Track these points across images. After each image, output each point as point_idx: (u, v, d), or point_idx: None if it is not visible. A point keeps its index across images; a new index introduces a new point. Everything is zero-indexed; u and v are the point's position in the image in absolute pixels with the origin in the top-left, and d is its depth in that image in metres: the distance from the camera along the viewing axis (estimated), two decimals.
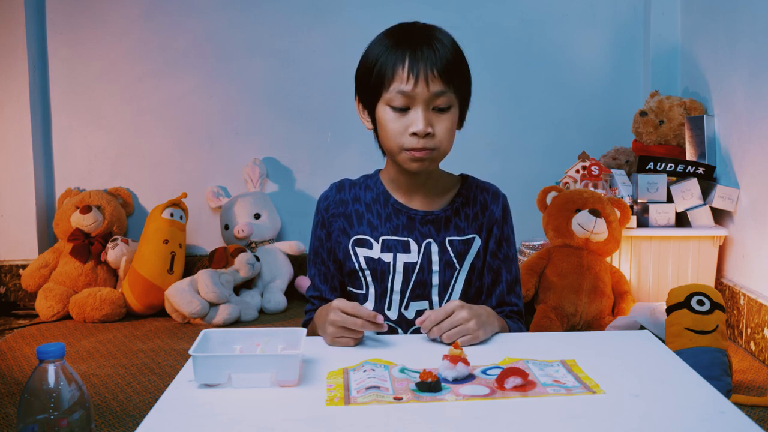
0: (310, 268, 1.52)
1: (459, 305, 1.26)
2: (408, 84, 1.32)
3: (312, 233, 1.52)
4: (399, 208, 1.44)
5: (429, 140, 1.33)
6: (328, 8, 3.58)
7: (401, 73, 1.32)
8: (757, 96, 2.64)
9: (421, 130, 1.32)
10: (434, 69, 1.31)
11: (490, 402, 1.00)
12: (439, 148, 1.35)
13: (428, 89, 1.31)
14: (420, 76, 1.31)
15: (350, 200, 1.47)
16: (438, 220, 1.43)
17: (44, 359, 0.94)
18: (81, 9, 3.56)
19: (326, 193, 1.50)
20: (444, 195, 1.47)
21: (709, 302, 2.20)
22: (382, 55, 1.36)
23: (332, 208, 1.48)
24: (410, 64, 1.32)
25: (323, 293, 1.50)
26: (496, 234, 1.46)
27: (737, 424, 0.92)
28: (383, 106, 1.36)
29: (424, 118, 1.32)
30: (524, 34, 3.59)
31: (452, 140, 1.39)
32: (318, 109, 3.63)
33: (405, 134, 1.34)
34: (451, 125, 1.36)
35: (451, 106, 1.35)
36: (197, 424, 0.95)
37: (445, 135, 1.35)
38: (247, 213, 3.47)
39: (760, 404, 2.11)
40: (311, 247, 1.52)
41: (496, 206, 1.47)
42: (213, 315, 3.07)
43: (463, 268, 1.44)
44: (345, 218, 1.47)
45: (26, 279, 3.30)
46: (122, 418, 2.10)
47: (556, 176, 3.27)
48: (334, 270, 1.50)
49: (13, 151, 3.48)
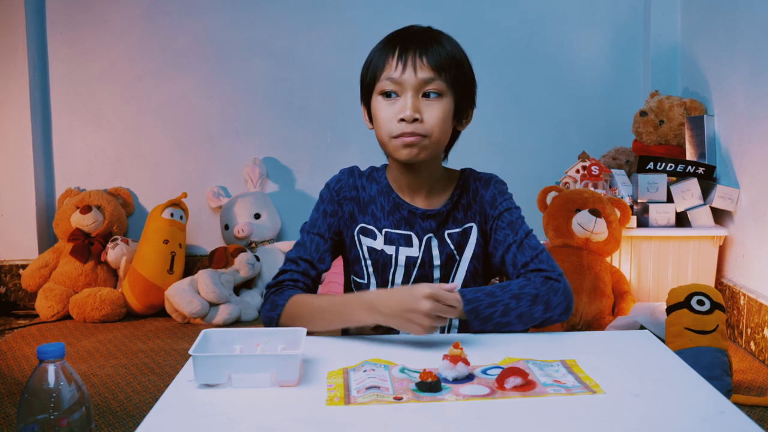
0: (303, 235, 1.46)
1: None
2: (396, 71, 1.33)
3: (315, 209, 1.48)
4: (400, 203, 1.44)
5: (417, 126, 1.33)
6: (328, 8, 3.58)
7: (391, 62, 1.34)
8: (757, 96, 2.64)
9: (408, 115, 1.32)
10: (423, 57, 1.33)
11: (490, 402, 1.00)
12: (429, 135, 1.34)
13: (416, 75, 1.33)
14: (408, 62, 1.33)
15: (360, 187, 1.47)
16: (439, 215, 1.43)
17: (44, 359, 0.94)
18: (81, 9, 3.56)
19: (337, 176, 1.49)
20: (445, 191, 1.46)
21: (709, 302, 2.20)
22: (376, 53, 1.39)
23: (344, 190, 1.46)
24: (399, 53, 1.34)
25: (314, 261, 1.43)
26: (491, 213, 1.43)
27: (737, 424, 0.92)
28: (376, 96, 1.37)
29: (412, 104, 1.33)
30: (524, 34, 3.59)
31: (445, 130, 1.37)
32: (318, 109, 3.63)
33: (394, 121, 1.34)
34: (441, 113, 1.35)
35: (442, 94, 1.35)
36: (197, 424, 0.95)
37: (435, 122, 1.34)
38: (247, 213, 3.47)
39: (760, 404, 2.11)
40: (310, 219, 1.47)
41: (486, 190, 1.45)
42: (213, 315, 3.07)
43: (463, 258, 1.44)
44: (355, 203, 1.46)
45: (26, 279, 3.30)
46: (122, 418, 2.10)
47: (556, 176, 3.27)
48: (329, 245, 1.45)
49: (13, 151, 3.48)
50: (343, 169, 1.50)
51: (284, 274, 1.42)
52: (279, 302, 1.36)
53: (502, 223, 1.42)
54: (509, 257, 1.39)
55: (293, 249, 1.45)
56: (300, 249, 1.44)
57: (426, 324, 1.22)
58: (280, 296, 1.37)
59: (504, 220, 1.42)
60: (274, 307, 1.36)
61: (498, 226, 1.42)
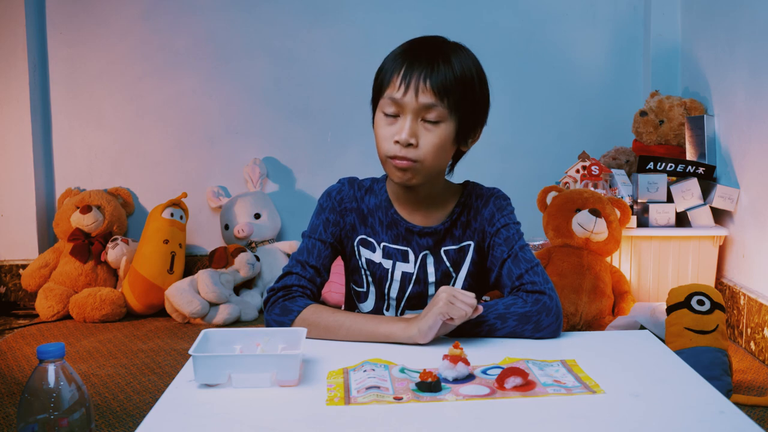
0: (306, 240, 1.44)
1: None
2: (399, 92, 1.30)
3: (316, 216, 1.46)
4: (398, 219, 1.43)
5: (410, 151, 1.31)
6: (328, 8, 3.59)
7: (395, 81, 1.31)
8: (757, 96, 2.64)
9: (403, 139, 1.30)
10: (427, 81, 1.29)
11: (490, 402, 1.00)
12: (422, 161, 1.32)
13: (417, 99, 1.30)
14: (411, 85, 1.30)
15: (359, 199, 1.46)
16: (437, 233, 1.42)
17: (44, 359, 0.94)
18: (81, 9, 3.56)
19: (338, 187, 1.47)
20: (445, 208, 1.44)
21: (710, 302, 2.20)
22: (387, 63, 1.36)
23: (346, 201, 1.45)
24: (404, 73, 1.31)
25: (320, 268, 1.42)
26: (489, 231, 1.42)
27: (737, 424, 0.92)
28: (378, 112, 1.36)
29: (410, 127, 1.30)
30: (524, 34, 3.59)
31: (440, 157, 1.35)
32: (318, 109, 3.63)
33: (390, 141, 1.32)
34: (438, 141, 1.32)
35: (442, 121, 1.31)
36: (197, 424, 0.95)
37: (430, 149, 1.31)
38: (247, 213, 3.47)
39: (760, 404, 2.11)
40: (311, 226, 1.45)
41: (486, 207, 1.43)
42: (213, 315, 3.07)
43: (459, 275, 1.43)
44: (356, 214, 1.45)
45: (26, 279, 3.30)
46: (122, 418, 2.10)
47: (556, 176, 3.27)
48: (330, 252, 1.44)
49: (13, 151, 3.48)
50: (342, 179, 1.48)
51: (291, 276, 1.40)
52: (293, 308, 1.34)
53: (499, 239, 1.41)
54: (505, 270, 1.39)
55: (299, 251, 1.44)
56: (305, 253, 1.42)
57: (443, 301, 1.23)
58: (293, 302, 1.35)
59: (501, 237, 1.41)
60: (285, 312, 1.34)
61: (495, 243, 1.41)
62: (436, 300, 1.24)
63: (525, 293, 1.34)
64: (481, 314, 1.29)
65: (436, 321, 1.23)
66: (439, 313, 1.22)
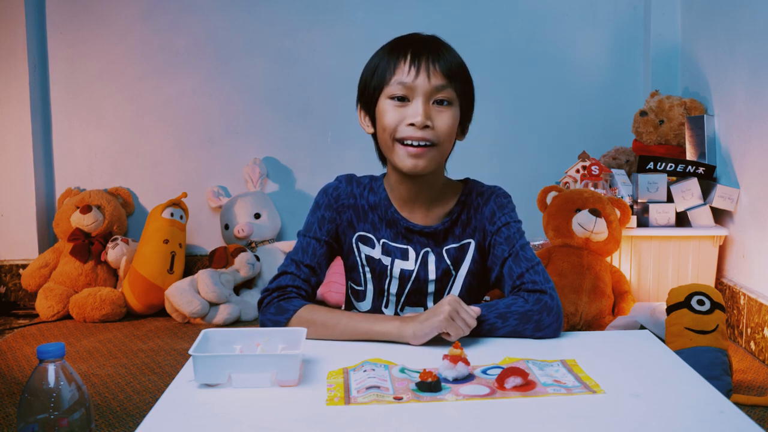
0: (301, 239, 1.43)
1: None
2: (409, 75, 1.31)
3: (311, 213, 1.45)
4: (398, 218, 1.42)
5: (428, 132, 1.31)
6: (328, 8, 3.58)
7: (403, 66, 1.32)
8: (757, 96, 2.64)
9: (420, 121, 1.30)
10: (436, 64, 1.32)
11: (490, 402, 1.00)
12: (438, 144, 1.33)
13: (429, 81, 1.31)
14: (422, 67, 1.31)
15: (357, 195, 1.45)
16: (437, 232, 1.42)
17: (44, 359, 0.94)
18: (81, 9, 3.56)
19: (335, 184, 1.46)
20: (445, 206, 1.43)
21: (710, 302, 2.20)
22: (383, 58, 1.36)
23: (343, 198, 1.44)
24: (412, 58, 1.32)
25: (315, 267, 1.41)
26: (489, 229, 1.41)
27: (737, 424, 0.92)
28: (384, 99, 1.34)
29: (424, 110, 1.31)
30: (524, 34, 3.59)
31: (452, 139, 1.37)
32: (318, 109, 3.63)
33: (402, 124, 1.32)
34: (451, 121, 1.33)
35: (452, 102, 1.34)
36: (197, 424, 0.95)
37: (446, 130, 1.33)
38: (247, 213, 3.47)
39: (760, 404, 2.11)
40: (307, 224, 1.45)
41: (486, 206, 1.42)
42: (213, 315, 3.07)
43: (459, 274, 1.43)
44: (354, 211, 1.44)
45: (26, 279, 3.30)
46: (122, 418, 2.10)
47: (556, 176, 3.27)
48: (326, 250, 1.43)
49: (13, 151, 3.48)
50: (339, 176, 1.48)
51: (286, 276, 1.39)
52: (289, 308, 1.34)
53: (500, 238, 1.40)
54: (506, 269, 1.38)
55: (294, 250, 1.43)
56: (300, 252, 1.42)
57: (445, 315, 1.22)
58: (289, 302, 1.35)
59: (501, 235, 1.40)
60: (281, 311, 1.34)
61: (496, 242, 1.40)
62: (438, 309, 1.24)
63: (526, 292, 1.33)
64: (482, 313, 1.29)
65: (432, 331, 1.23)
66: (437, 327, 1.23)
